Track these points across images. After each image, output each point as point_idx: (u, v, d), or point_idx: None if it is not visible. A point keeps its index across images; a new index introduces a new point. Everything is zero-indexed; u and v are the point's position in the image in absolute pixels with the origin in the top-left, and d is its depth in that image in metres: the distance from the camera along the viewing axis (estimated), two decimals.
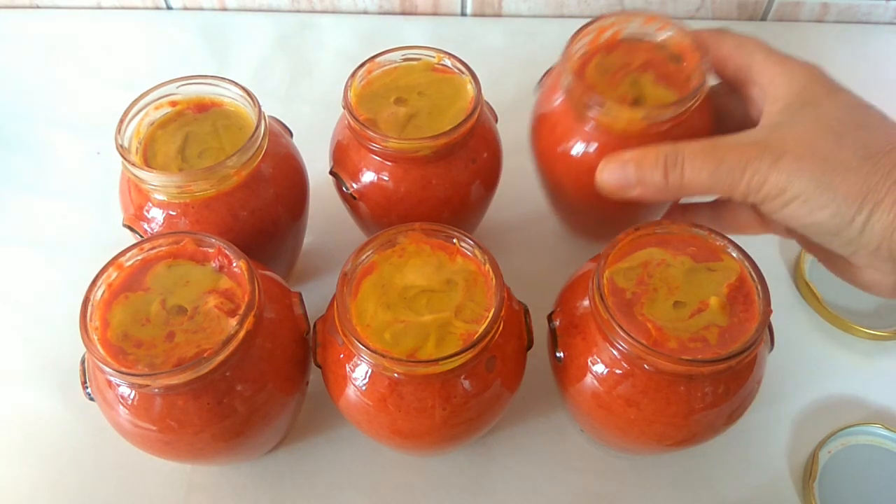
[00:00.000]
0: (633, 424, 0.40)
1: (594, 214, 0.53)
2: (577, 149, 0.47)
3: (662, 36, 0.48)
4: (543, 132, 0.50)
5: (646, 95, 0.46)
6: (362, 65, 0.50)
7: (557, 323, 0.43)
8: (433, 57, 0.51)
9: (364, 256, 0.42)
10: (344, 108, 0.48)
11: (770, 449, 0.49)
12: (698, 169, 0.38)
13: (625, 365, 0.39)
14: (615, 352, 0.39)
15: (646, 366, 0.38)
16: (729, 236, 0.42)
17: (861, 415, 0.51)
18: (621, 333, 0.37)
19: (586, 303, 0.41)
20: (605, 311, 0.38)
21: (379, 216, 0.50)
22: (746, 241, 0.42)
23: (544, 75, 0.52)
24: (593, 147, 0.46)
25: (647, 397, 0.39)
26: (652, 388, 0.39)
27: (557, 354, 0.42)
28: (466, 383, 0.39)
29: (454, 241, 0.42)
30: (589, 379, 0.41)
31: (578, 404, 0.42)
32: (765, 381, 0.41)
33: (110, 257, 0.41)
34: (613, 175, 0.41)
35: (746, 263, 0.40)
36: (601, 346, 0.40)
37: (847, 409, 0.51)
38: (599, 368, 0.40)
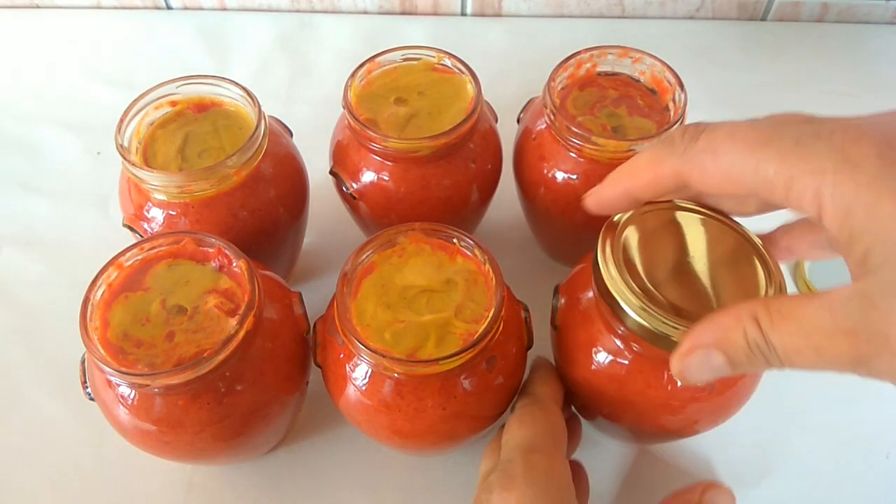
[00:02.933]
0: (634, 410, 0.40)
1: (579, 241, 0.53)
2: (564, 178, 0.48)
3: (638, 68, 0.50)
4: (529, 162, 0.51)
5: (625, 126, 0.48)
6: (362, 65, 0.50)
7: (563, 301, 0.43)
8: (433, 57, 0.51)
9: (364, 256, 0.42)
10: (344, 107, 0.48)
11: (770, 449, 0.49)
12: (795, 352, 0.28)
13: (626, 353, 0.39)
14: (617, 340, 0.39)
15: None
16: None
17: None
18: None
19: (590, 294, 0.41)
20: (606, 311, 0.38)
21: (379, 216, 0.50)
22: None
23: (526, 106, 0.54)
24: (579, 176, 0.48)
25: (648, 385, 0.39)
26: (654, 375, 0.38)
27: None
28: (466, 383, 0.39)
29: (454, 240, 0.42)
30: (591, 365, 0.40)
31: (579, 392, 0.42)
32: (765, 380, 0.41)
33: (110, 257, 0.41)
34: (701, 371, 0.31)
35: None
36: (604, 335, 0.40)
37: None
38: (602, 357, 0.40)
